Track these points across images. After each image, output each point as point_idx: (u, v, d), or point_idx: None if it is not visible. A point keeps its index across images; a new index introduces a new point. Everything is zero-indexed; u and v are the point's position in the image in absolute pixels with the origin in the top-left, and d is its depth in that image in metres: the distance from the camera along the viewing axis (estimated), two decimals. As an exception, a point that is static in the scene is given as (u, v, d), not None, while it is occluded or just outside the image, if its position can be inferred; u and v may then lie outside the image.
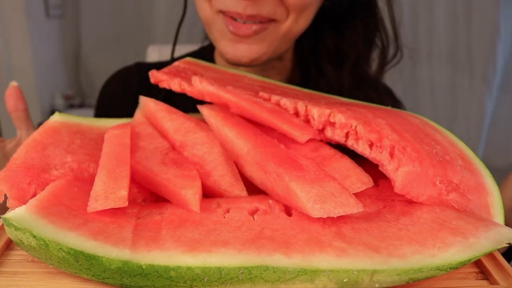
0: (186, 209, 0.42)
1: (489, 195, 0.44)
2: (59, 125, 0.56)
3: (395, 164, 0.43)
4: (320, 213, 0.38)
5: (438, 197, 0.43)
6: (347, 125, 0.46)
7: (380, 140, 0.44)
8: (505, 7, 1.90)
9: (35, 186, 0.45)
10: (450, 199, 0.43)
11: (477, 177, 0.45)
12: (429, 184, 0.43)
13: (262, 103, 0.52)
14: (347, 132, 0.47)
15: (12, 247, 0.43)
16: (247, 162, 0.47)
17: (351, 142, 0.47)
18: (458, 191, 0.43)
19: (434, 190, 0.43)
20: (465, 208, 0.43)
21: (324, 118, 0.48)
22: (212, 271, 0.36)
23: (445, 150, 0.46)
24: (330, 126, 0.48)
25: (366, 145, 0.46)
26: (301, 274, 0.36)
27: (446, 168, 0.44)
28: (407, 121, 0.49)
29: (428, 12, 1.98)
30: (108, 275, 0.37)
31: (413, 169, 0.42)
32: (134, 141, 0.52)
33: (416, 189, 0.42)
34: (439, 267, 0.37)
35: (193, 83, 0.54)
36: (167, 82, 0.57)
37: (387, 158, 0.44)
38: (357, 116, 0.47)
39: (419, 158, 0.43)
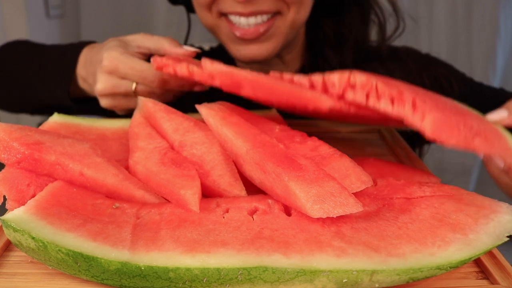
0: (185, 209, 0.42)
1: (506, 139, 0.45)
2: (58, 126, 0.56)
3: (419, 114, 0.43)
4: (320, 213, 0.38)
5: (465, 141, 0.43)
6: (368, 84, 0.46)
7: (401, 94, 0.45)
8: (505, 7, 1.90)
9: (34, 187, 0.45)
10: (476, 144, 0.44)
11: (491, 125, 0.46)
12: (454, 129, 0.43)
13: (275, 81, 0.51)
14: (368, 92, 0.47)
15: (11, 248, 0.43)
16: (246, 162, 0.47)
17: (372, 101, 0.46)
18: (480, 135, 0.44)
19: (460, 134, 0.43)
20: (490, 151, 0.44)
21: (344, 80, 0.48)
22: (211, 272, 0.36)
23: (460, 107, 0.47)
24: (351, 88, 0.48)
25: (388, 101, 0.45)
26: (301, 274, 0.36)
27: (465, 116, 0.45)
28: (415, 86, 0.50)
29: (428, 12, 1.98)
30: (107, 276, 0.37)
31: (438, 115, 0.42)
32: (133, 141, 0.52)
33: (445, 134, 0.42)
34: (439, 266, 0.37)
35: (204, 65, 0.53)
36: (172, 66, 0.56)
37: (410, 111, 0.44)
38: (375, 77, 0.47)
39: (440, 108, 0.44)
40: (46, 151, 0.45)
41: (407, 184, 0.46)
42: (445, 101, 0.48)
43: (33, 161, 0.45)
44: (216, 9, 0.71)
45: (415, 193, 0.44)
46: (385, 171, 0.51)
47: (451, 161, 1.79)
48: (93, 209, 0.42)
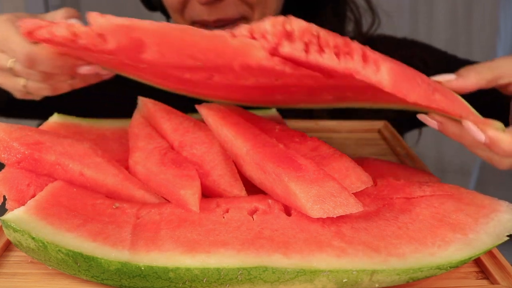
0: (185, 209, 0.42)
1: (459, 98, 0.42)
2: (58, 126, 0.56)
3: (372, 66, 0.37)
4: (320, 213, 0.38)
5: (426, 95, 0.39)
6: (307, 32, 0.38)
7: (347, 45, 0.38)
8: (505, 7, 1.90)
9: (34, 187, 0.45)
10: (437, 98, 0.39)
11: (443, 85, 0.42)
12: (413, 82, 0.39)
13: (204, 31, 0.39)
14: (308, 43, 0.38)
15: (11, 248, 0.43)
16: (246, 162, 0.47)
17: (313, 56, 0.38)
18: (439, 91, 0.40)
19: (420, 88, 0.39)
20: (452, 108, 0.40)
21: (278, 28, 0.38)
22: (211, 272, 0.36)
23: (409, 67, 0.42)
24: (287, 38, 0.38)
25: (332, 54, 0.38)
26: (301, 274, 0.36)
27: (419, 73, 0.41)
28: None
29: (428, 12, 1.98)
30: (107, 276, 0.37)
31: (394, 65, 0.37)
32: (133, 141, 0.52)
33: (404, 86, 0.37)
34: (439, 266, 0.37)
35: (90, 19, 0.41)
36: (47, 29, 0.42)
37: (360, 63, 0.37)
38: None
39: (393, 61, 0.39)
40: (46, 151, 0.45)
41: (407, 184, 0.46)
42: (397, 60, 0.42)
43: (33, 161, 0.45)
44: (188, 16, 0.72)
45: (415, 193, 0.44)
46: (385, 171, 0.51)
47: (451, 161, 1.79)
48: (93, 209, 0.42)
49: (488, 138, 0.40)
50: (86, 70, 0.51)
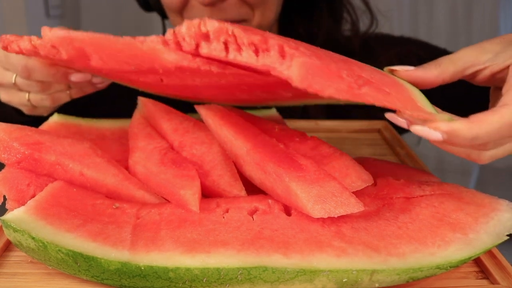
0: (185, 209, 0.42)
1: (409, 92, 0.39)
2: (58, 126, 0.56)
3: (288, 62, 0.36)
4: (321, 214, 0.38)
5: (349, 90, 0.37)
6: (222, 31, 0.38)
7: (265, 41, 0.37)
8: (505, 7, 1.90)
9: (34, 187, 0.45)
10: (363, 93, 0.37)
11: (391, 78, 0.40)
12: (334, 76, 0.36)
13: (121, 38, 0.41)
14: (225, 41, 0.38)
15: (11, 248, 0.43)
16: (246, 162, 0.47)
17: (233, 54, 0.38)
18: (371, 84, 0.38)
19: (342, 82, 0.37)
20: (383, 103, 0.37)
21: (194, 30, 0.38)
22: (211, 272, 0.36)
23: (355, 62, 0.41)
24: (204, 39, 0.39)
25: (250, 51, 0.37)
26: (300, 274, 0.36)
27: (352, 65, 0.39)
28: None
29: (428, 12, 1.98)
30: (107, 276, 0.37)
31: (309, 60, 0.35)
32: (133, 141, 0.52)
33: (318, 81, 0.36)
34: (439, 266, 0.37)
35: (43, 32, 0.44)
36: (16, 43, 0.46)
37: (277, 59, 0.36)
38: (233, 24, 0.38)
39: (316, 54, 0.37)
40: (46, 151, 0.45)
41: (407, 184, 0.46)
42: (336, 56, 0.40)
43: (33, 161, 0.45)
44: (187, 16, 0.72)
45: (414, 193, 0.44)
46: (385, 171, 0.51)
47: (451, 161, 1.79)
48: (93, 209, 0.42)
49: (445, 133, 0.36)
50: (78, 77, 0.53)
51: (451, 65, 0.40)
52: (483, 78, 0.41)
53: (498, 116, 0.35)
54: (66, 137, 0.49)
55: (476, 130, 0.35)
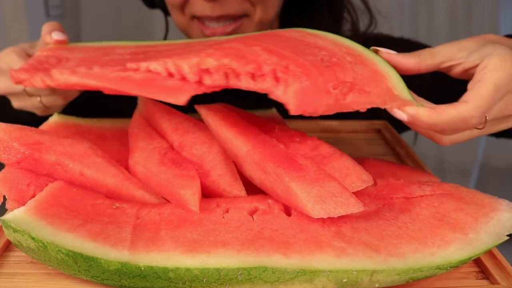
0: (185, 209, 0.42)
1: (387, 79, 0.43)
2: (58, 126, 0.56)
3: (282, 87, 0.41)
4: (321, 214, 0.38)
5: (337, 103, 0.42)
6: (220, 66, 0.43)
7: (259, 68, 0.42)
8: (505, 7, 1.90)
9: (34, 187, 0.45)
10: (349, 101, 0.42)
11: (370, 66, 0.44)
12: (323, 94, 0.41)
13: (131, 77, 0.47)
14: (225, 73, 0.44)
15: (11, 248, 0.43)
16: (246, 162, 0.47)
17: (233, 81, 0.43)
18: (354, 89, 0.42)
19: (330, 97, 0.41)
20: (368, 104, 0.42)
21: (195, 68, 0.44)
22: (211, 272, 0.36)
23: (330, 52, 0.45)
24: (206, 73, 0.44)
25: (248, 78, 0.43)
26: (301, 274, 0.36)
27: (336, 70, 0.43)
28: (283, 37, 0.47)
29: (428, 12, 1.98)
30: (107, 276, 0.37)
31: (301, 85, 0.41)
32: (133, 141, 0.52)
33: (311, 104, 0.41)
34: (439, 266, 0.37)
35: (54, 76, 0.49)
36: (29, 81, 0.51)
37: (273, 84, 0.42)
38: (228, 53, 0.44)
39: (305, 71, 0.42)
40: (46, 151, 0.45)
41: (407, 184, 0.46)
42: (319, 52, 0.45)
43: (33, 161, 0.45)
44: (188, 11, 0.72)
45: (415, 193, 0.44)
46: (385, 171, 0.51)
47: (451, 161, 1.79)
48: (93, 209, 0.42)
49: (410, 116, 0.42)
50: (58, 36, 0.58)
51: (430, 57, 0.44)
52: (457, 72, 0.45)
53: (456, 110, 0.40)
54: (66, 137, 0.49)
55: (435, 118, 0.41)
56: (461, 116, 0.40)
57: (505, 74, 0.41)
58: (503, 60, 0.41)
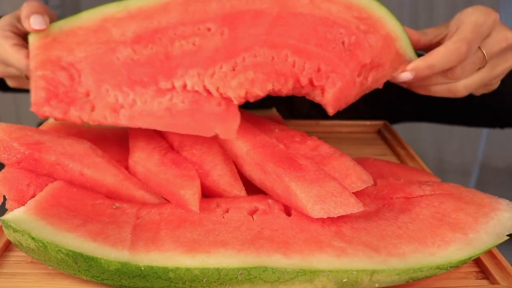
0: (185, 209, 0.42)
1: (396, 41, 0.48)
2: (58, 126, 0.56)
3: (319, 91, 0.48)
4: (321, 214, 0.38)
5: (361, 89, 0.47)
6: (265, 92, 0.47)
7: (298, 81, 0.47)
8: (505, 7, 1.90)
9: (34, 187, 0.45)
10: (370, 83, 0.47)
11: (381, 30, 0.48)
12: (352, 86, 0.46)
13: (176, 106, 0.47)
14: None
15: (11, 248, 0.43)
16: (246, 162, 0.47)
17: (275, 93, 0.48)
18: (373, 67, 0.47)
19: (356, 87, 0.47)
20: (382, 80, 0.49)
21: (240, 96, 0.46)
22: (211, 272, 0.36)
23: (346, 29, 0.47)
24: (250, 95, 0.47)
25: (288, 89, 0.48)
26: (301, 274, 0.36)
27: (357, 55, 0.47)
28: (301, 19, 0.48)
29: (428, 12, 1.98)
30: (107, 276, 0.37)
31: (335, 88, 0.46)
32: (133, 141, 0.52)
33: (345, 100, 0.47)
34: (439, 266, 0.37)
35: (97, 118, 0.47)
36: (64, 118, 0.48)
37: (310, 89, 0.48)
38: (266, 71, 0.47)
39: (335, 69, 0.46)
40: (46, 151, 0.45)
41: (407, 184, 0.46)
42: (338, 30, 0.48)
43: (33, 161, 0.45)
44: None
45: (415, 193, 0.44)
46: (385, 171, 0.51)
47: (451, 161, 1.79)
48: (93, 209, 0.42)
49: (411, 71, 0.48)
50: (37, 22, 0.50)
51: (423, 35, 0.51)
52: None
53: (443, 46, 0.47)
54: (66, 137, 0.49)
55: (429, 60, 0.47)
56: (449, 49, 0.47)
57: (480, 14, 0.48)
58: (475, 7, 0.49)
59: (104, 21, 0.48)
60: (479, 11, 0.49)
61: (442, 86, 0.52)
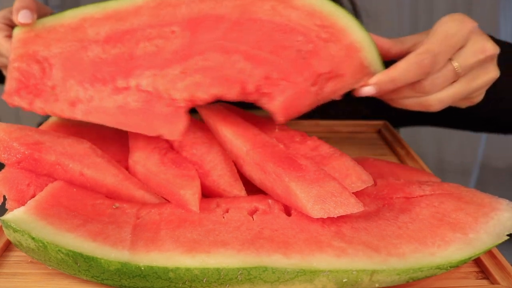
0: (185, 209, 0.42)
1: (360, 51, 0.47)
2: (58, 126, 0.56)
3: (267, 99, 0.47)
4: (321, 214, 0.38)
5: (316, 99, 0.46)
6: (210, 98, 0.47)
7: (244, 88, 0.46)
8: (505, 7, 1.90)
9: (34, 187, 0.45)
10: (326, 93, 0.46)
11: (344, 40, 0.47)
12: (304, 95, 0.45)
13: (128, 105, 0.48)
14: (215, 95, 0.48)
15: (11, 248, 0.43)
16: (246, 162, 0.47)
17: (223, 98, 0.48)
18: (331, 77, 0.46)
19: (310, 96, 0.46)
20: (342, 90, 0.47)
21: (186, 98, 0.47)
22: (211, 272, 0.36)
23: (305, 36, 0.46)
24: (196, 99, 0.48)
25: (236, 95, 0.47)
26: (300, 274, 0.36)
27: (312, 64, 0.46)
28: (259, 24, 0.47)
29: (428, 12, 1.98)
30: (107, 276, 0.37)
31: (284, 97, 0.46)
32: (133, 141, 0.52)
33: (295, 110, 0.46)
34: (439, 266, 0.37)
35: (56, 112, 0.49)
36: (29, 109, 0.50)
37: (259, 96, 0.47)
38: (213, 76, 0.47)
39: (286, 77, 0.45)
40: (46, 151, 0.45)
41: (407, 184, 0.46)
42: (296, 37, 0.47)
43: (33, 161, 0.45)
44: None
45: (414, 192, 0.44)
46: (385, 171, 0.51)
47: (451, 161, 1.79)
48: (93, 209, 0.42)
49: (374, 84, 0.46)
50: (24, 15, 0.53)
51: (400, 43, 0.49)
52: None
53: (405, 59, 0.45)
54: (66, 137, 0.49)
55: (391, 73, 0.45)
56: (411, 61, 0.45)
57: (453, 23, 0.46)
58: (451, 15, 0.47)
59: (83, 20, 0.50)
60: (453, 20, 0.47)
61: (413, 99, 0.49)
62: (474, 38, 0.47)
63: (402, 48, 0.49)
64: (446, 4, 1.96)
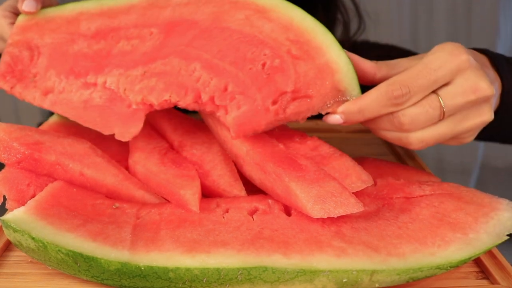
0: (185, 209, 0.42)
1: (336, 74, 0.42)
2: (58, 126, 0.56)
3: (223, 111, 0.44)
4: (321, 214, 0.38)
5: (276, 119, 0.43)
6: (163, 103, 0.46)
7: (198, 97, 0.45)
8: (505, 7, 1.90)
9: (34, 187, 0.45)
10: (289, 114, 0.43)
11: (317, 59, 0.43)
12: (262, 114, 0.42)
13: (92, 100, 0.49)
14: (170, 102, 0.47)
15: (11, 248, 0.43)
16: (246, 162, 0.47)
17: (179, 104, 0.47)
18: (296, 97, 0.43)
19: (269, 115, 0.43)
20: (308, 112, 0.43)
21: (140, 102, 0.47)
22: (211, 272, 0.36)
23: (273, 50, 0.43)
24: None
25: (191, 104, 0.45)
26: (300, 274, 0.36)
27: (276, 81, 0.43)
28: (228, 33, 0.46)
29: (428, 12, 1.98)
30: (107, 276, 0.37)
31: (239, 112, 0.43)
32: (133, 141, 0.52)
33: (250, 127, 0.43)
34: (439, 266, 0.37)
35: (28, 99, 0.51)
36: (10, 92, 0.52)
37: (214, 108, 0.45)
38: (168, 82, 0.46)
39: (243, 91, 0.43)
40: (46, 151, 0.45)
41: (407, 184, 0.46)
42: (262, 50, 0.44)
43: (33, 161, 0.45)
44: None
45: (414, 192, 0.44)
46: (385, 171, 0.51)
47: (451, 161, 1.79)
48: (93, 209, 0.42)
49: (341, 113, 0.43)
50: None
51: (385, 67, 0.44)
52: None
53: (375, 89, 0.42)
54: (66, 137, 0.49)
55: (359, 103, 0.42)
56: (380, 92, 0.41)
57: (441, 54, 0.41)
58: (445, 45, 0.42)
59: (80, 14, 0.52)
60: (442, 50, 0.42)
61: (392, 133, 0.44)
62: (465, 74, 0.41)
63: (390, 73, 0.44)
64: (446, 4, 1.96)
